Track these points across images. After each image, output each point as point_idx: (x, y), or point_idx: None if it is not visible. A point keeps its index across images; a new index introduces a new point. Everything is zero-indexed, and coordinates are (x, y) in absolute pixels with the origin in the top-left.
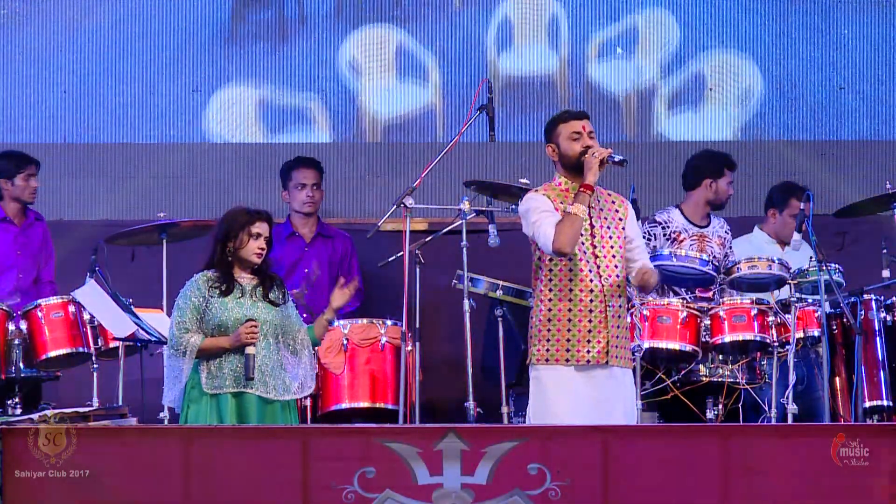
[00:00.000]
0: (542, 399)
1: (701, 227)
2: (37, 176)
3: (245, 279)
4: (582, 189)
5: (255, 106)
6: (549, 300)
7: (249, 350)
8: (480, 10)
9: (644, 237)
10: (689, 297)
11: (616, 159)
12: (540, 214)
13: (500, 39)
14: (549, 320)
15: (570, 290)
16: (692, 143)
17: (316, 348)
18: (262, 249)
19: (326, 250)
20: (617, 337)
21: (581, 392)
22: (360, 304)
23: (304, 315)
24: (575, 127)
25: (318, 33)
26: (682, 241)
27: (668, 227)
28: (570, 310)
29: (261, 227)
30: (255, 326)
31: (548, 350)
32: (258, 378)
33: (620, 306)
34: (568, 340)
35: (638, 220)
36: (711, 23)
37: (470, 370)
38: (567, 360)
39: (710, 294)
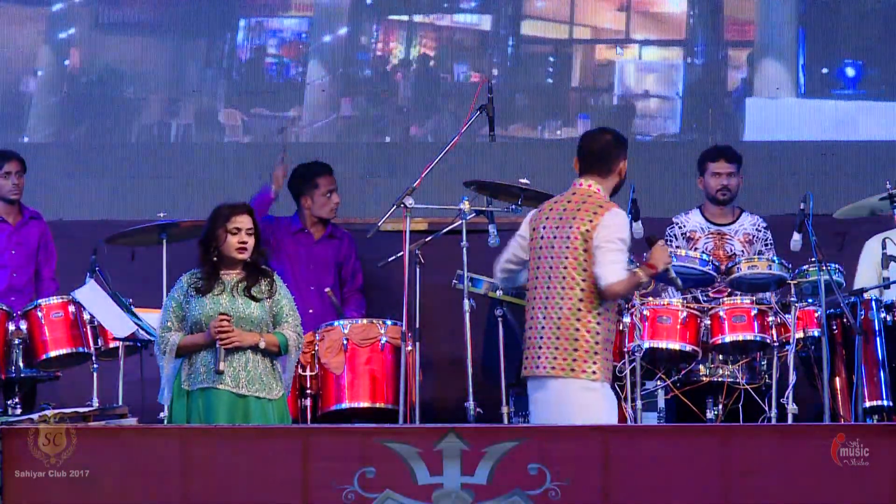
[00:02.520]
0: (609, 414)
1: (721, 224)
2: (21, 173)
3: (230, 275)
4: (652, 272)
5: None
6: (608, 320)
7: (220, 343)
8: None
9: (666, 239)
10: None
11: (678, 282)
12: (623, 249)
13: None
14: (607, 340)
15: (618, 313)
16: (697, 142)
17: (317, 347)
18: (244, 244)
19: (333, 249)
20: None
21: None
22: (364, 312)
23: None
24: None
25: None
26: (697, 241)
27: (685, 227)
28: (612, 331)
29: (239, 222)
30: (227, 320)
31: (607, 369)
32: (230, 373)
33: None
34: (608, 360)
35: (637, 220)
36: None
37: (470, 370)
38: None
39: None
